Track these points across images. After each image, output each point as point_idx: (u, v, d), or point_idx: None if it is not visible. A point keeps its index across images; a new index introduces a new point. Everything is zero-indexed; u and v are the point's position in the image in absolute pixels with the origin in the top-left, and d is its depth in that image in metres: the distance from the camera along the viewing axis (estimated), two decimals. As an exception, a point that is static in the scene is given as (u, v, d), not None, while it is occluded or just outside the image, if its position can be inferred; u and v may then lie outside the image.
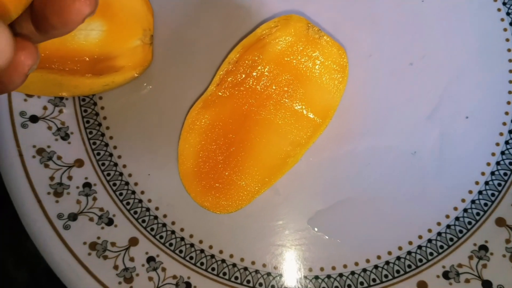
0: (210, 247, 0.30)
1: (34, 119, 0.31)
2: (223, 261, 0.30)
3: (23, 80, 0.17)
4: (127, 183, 0.31)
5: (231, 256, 0.30)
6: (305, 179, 0.31)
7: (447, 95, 0.31)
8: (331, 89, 0.30)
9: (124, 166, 0.31)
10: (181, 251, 0.30)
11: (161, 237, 0.30)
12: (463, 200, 0.30)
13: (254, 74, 0.30)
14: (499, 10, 0.32)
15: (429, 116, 0.31)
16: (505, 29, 0.32)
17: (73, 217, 0.30)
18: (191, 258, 0.30)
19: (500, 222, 0.29)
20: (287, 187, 0.30)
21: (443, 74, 0.31)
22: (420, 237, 0.30)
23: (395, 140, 0.31)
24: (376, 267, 0.29)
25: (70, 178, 0.31)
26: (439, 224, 0.30)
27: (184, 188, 0.29)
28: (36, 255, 0.31)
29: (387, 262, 0.29)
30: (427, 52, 0.32)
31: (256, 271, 0.30)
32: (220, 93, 0.30)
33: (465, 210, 0.30)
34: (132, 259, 0.30)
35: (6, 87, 0.18)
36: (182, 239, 0.30)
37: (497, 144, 0.31)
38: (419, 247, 0.30)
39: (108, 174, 0.31)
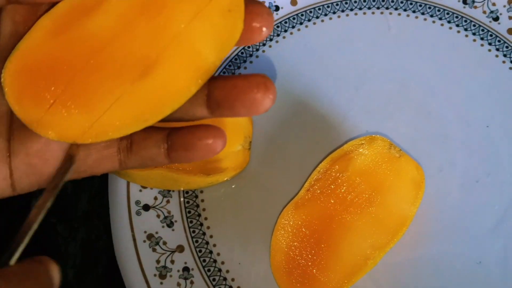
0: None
1: (146, 207, 0.36)
2: None
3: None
4: (220, 270, 0.35)
5: None
6: (381, 280, 0.34)
7: (511, 209, 0.35)
8: (408, 201, 0.34)
9: (218, 254, 0.35)
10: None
11: (249, 322, 0.34)
12: (527, 311, 0.33)
13: (339, 182, 0.34)
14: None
15: (493, 228, 0.35)
16: None
17: (173, 298, 0.34)
18: None
19: None
20: (364, 286, 0.34)
21: (507, 190, 0.35)
22: None
23: (463, 249, 0.34)
24: None
25: (172, 262, 0.35)
26: (505, 332, 0.32)
27: (275, 280, 0.33)
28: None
29: None
30: (492, 171, 0.36)
31: None
32: (309, 197, 0.34)
33: (529, 321, 0.33)
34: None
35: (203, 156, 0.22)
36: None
37: (558, 260, 0.34)
38: None
39: (204, 260, 0.35)
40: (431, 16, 0.39)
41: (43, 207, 0.20)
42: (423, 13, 0.39)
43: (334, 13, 0.40)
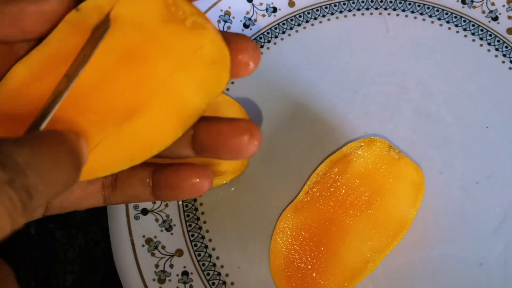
0: None
1: (144, 211, 0.36)
2: None
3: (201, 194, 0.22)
4: (219, 274, 0.35)
5: None
6: (381, 284, 0.34)
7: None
8: (407, 203, 0.33)
9: (217, 257, 0.35)
10: None
11: (249, 327, 0.33)
12: (528, 313, 0.33)
13: (339, 185, 0.34)
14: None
15: (494, 230, 0.34)
16: None
17: (172, 302, 0.34)
18: None
19: None
20: (365, 289, 0.34)
21: (508, 192, 0.35)
22: None
23: (464, 251, 0.34)
24: None
25: (171, 266, 0.35)
26: (506, 334, 0.32)
27: (275, 284, 0.33)
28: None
29: None
30: (492, 173, 0.35)
31: None
32: (308, 200, 0.34)
33: (530, 323, 0.32)
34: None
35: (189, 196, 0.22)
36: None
37: (560, 262, 0.33)
38: None
39: (203, 264, 0.35)
40: (430, 16, 0.39)
41: (74, 76, 0.19)
42: (421, 14, 0.39)
43: (332, 14, 0.40)
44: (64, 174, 0.17)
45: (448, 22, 0.39)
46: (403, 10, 0.39)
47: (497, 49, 0.38)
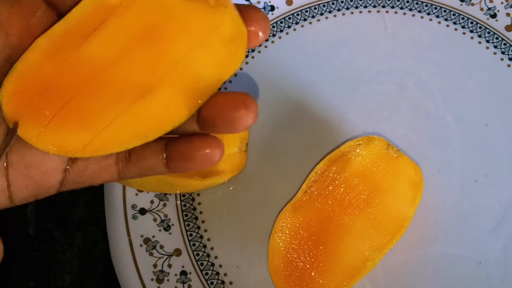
0: None
1: (142, 211, 0.36)
2: None
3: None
4: (217, 273, 0.35)
5: None
6: (380, 282, 0.34)
7: (511, 209, 0.34)
8: (406, 202, 0.33)
9: (216, 257, 0.35)
10: None
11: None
12: (528, 311, 0.32)
13: (337, 183, 0.34)
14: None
15: (493, 228, 0.34)
16: None
17: (170, 302, 0.34)
18: None
19: None
20: (363, 288, 0.34)
21: (506, 190, 0.35)
22: None
23: (463, 249, 0.34)
24: None
25: (170, 266, 0.35)
26: (505, 333, 0.32)
27: (273, 283, 0.33)
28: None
29: None
30: (491, 171, 0.35)
31: None
32: (307, 199, 0.34)
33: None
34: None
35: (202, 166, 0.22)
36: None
37: (559, 260, 0.33)
38: None
39: (202, 264, 0.35)
40: (428, 14, 0.39)
41: None
42: (420, 11, 0.39)
43: (330, 12, 0.40)
44: None
45: (446, 19, 0.39)
46: (401, 8, 0.39)
47: (495, 47, 0.38)
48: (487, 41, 0.38)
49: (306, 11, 0.40)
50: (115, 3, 0.21)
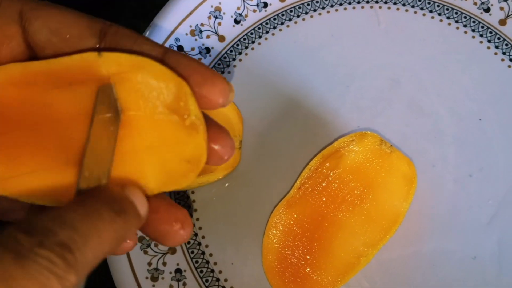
0: (287, 336, 0.33)
1: (137, 209, 0.35)
2: None
3: None
4: (212, 271, 0.35)
5: None
6: (375, 278, 0.34)
7: (505, 204, 0.34)
8: (400, 197, 0.33)
9: (211, 254, 0.35)
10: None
11: (243, 323, 0.33)
12: (523, 306, 0.32)
13: (331, 180, 0.34)
14: (551, 129, 0.36)
15: (488, 223, 0.34)
16: (557, 147, 0.35)
17: (165, 300, 0.34)
18: None
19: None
20: (358, 284, 0.34)
21: (501, 185, 0.35)
22: (482, 339, 0.32)
23: (458, 244, 0.34)
24: None
25: (164, 264, 0.35)
26: (500, 327, 0.32)
27: (268, 280, 0.33)
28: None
29: None
30: (485, 165, 0.35)
31: None
32: (300, 196, 0.34)
33: (525, 315, 0.32)
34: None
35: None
36: (262, 326, 0.33)
37: (554, 254, 0.33)
38: None
39: (196, 262, 0.35)
40: (421, 9, 0.39)
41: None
42: (413, 6, 0.39)
43: (323, 8, 0.40)
44: (105, 221, 0.17)
45: (440, 14, 0.39)
46: (395, 3, 0.39)
47: (489, 41, 0.38)
48: (481, 36, 0.38)
49: (299, 8, 0.40)
50: (104, 74, 0.20)
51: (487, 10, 0.38)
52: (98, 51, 0.20)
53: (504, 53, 0.37)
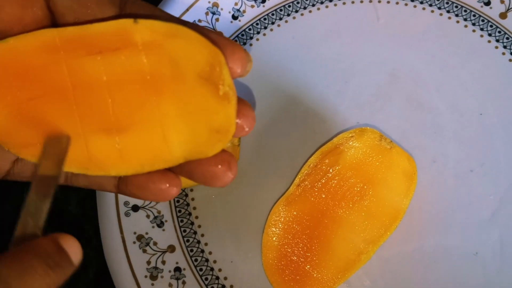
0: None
1: (135, 208, 0.35)
2: None
3: None
4: (212, 269, 0.35)
5: None
6: (376, 275, 0.33)
7: (507, 199, 0.34)
8: (400, 193, 0.33)
9: (210, 252, 0.35)
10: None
11: (243, 321, 0.33)
12: (525, 301, 0.32)
13: (330, 176, 0.34)
14: (553, 124, 0.35)
15: (489, 218, 0.34)
16: (559, 142, 0.35)
17: (165, 298, 0.34)
18: None
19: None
20: (359, 281, 0.33)
21: (502, 180, 0.34)
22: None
23: (459, 240, 0.34)
24: None
25: (163, 262, 0.34)
26: (502, 323, 0.32)
27: (267, 278, 0.33)
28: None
29: None
30: (486, 160, 0.35)
31: None
32: (300, 193, 0.34)
33: (527, 311, 0.32)
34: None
35: (152, 199, 0.22)
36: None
37: (556, 249, 0.33)
38: None
39: (196, 260, 0.35)
40: (421, 3, 0.38)
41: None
42: (412, 0, 0.38)
43: (321, 3, 0.39)
44: (39, 276, 0.18)
45: (439, 8, 0.38)
46: (394, -3, 0.39)
47: (490, 35, 0.37)
48: (481, 29, 0.37)
49: (298, 3, 0.39)
50: (138, 41, 0.20)
51: (488, 3, 0.38)
52: (131, 17, 0.20)
53: (505, 47, 0.37)
